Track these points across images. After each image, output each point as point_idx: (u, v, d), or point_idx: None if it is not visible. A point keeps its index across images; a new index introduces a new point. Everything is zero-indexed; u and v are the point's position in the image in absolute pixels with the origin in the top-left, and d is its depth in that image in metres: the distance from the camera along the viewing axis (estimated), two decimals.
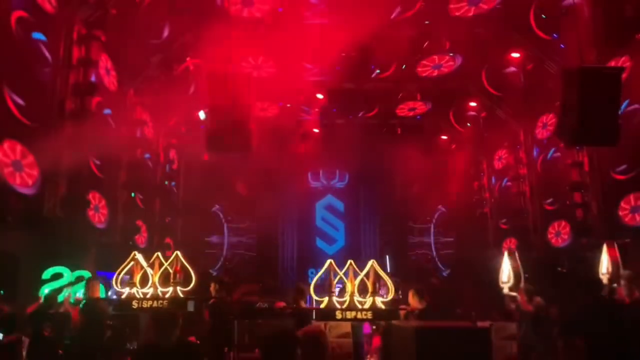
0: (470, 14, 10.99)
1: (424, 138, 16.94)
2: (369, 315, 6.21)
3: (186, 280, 6.35)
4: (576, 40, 9.96)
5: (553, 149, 12.93)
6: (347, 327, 8.33)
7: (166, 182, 14.60)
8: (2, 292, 8.05)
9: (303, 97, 14.68)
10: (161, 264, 6.51)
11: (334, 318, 6.25)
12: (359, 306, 6.31)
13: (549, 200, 13.13)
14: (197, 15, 11.10)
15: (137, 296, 6.40)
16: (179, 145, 15.03)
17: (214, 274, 15.82)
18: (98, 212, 10.09)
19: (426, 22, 11.61)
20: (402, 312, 6.74)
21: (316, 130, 16.00)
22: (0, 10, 7.29)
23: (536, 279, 9.06)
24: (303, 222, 18.95)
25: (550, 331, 7.88)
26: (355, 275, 6.42)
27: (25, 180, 7.80)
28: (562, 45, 11.38)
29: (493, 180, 16.42)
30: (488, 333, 2.99)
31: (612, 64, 9.83)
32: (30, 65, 8.14)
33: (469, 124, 16.04)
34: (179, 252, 6.38)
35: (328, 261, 6.53)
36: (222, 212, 18.54)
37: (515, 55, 12.39)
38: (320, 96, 14.04)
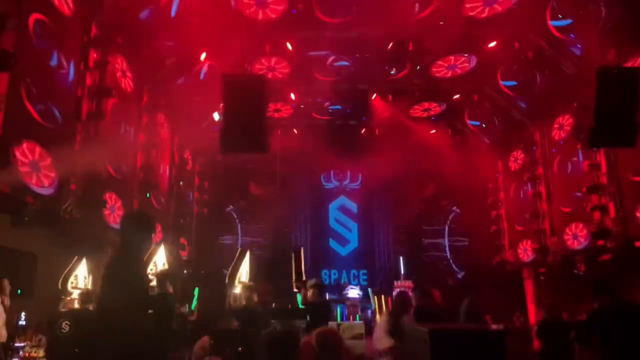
0: (485, 14, 10.93)
1: (438, 139, 16.86)
2: None
3: None
4: (593, 40, 9.84)
5: (570, 150, 12.77)
6: (360, 328, 8.32)
7: (181, 183, 14.70)
8: (19, 291, 8.17)
9: (317, 98, 14.72)
10: None
11: None
12: None
13: (566, 202, 12.97)
14: (211, 16, 11.16)
15: None
16: (194, 146, 15.12)
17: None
18: (114, 213, 10.19)
19: (440, 22, 11.55)
20: None
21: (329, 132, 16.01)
22: (18, 12, 7.38)
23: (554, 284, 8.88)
24: (316, 223, 18.96)
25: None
26: None
27: (42, 181, 7.90)
28: (578, 46, 11.25)
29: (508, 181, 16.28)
30: (504, 336, 2.95)
31: (630, 64, 9.71)
32: (47, 67, 8.24)
33: (484, 125, 15.93)
34: None
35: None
36: (236, 212, 18.61)
37: (531, 55, 12.29)
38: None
